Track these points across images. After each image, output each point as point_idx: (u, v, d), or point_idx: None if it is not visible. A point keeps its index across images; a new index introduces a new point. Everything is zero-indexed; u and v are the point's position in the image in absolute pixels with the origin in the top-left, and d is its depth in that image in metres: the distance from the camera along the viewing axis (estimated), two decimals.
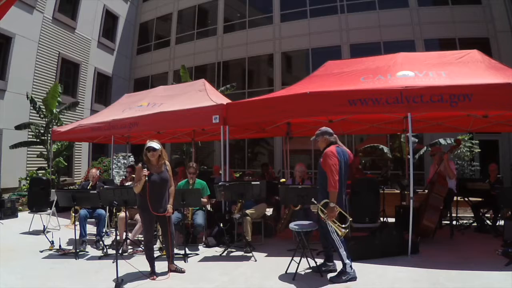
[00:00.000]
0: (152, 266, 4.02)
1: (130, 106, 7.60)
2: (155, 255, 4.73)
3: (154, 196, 3.88)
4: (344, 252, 3.72)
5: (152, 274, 3.96)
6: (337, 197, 3.67)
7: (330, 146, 3.89)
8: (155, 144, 3.96)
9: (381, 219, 6.49)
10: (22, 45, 12.22)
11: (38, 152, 10.77)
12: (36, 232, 6.18)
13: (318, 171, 3.99)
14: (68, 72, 14.69)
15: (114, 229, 5.68)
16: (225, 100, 6.37)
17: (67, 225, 6.74)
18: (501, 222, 5.80)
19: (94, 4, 15.83)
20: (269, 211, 6.72)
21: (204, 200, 5.49)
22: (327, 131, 3.99)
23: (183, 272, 4.10)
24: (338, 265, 4.02)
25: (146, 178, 3.79)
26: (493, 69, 4.96)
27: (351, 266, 3.75)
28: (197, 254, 4.89)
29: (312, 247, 4.23)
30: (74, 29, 14.77)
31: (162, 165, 4.01)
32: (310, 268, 4.09)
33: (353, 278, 3.72)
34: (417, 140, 9.35)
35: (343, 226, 3.64)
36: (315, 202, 3.78)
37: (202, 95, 6.69)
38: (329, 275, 3.79)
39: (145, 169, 3.79)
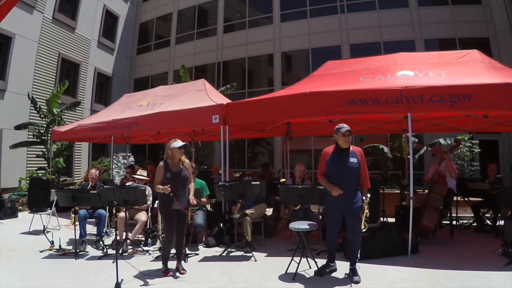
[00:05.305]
0: (165, 264, 4.11)
1: (130, 106, 7.60)
2: (155, 256, 4.76)
3: (176, 192, 4.01)
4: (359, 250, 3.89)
5: (165, 272, 4.04)
6: None
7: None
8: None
9: (381, 219, 6.50)
10: (22, 45, 12.21)
11: (38, 152, 10.77)
12: (36, 232, 6.18)
13: (349, 167, 3.75)
14: (68, 72, 14.67)
15: (114, 229, 5.68)
16: (225, 100, 6.36)
17: (67, 225, 6.74)
18: (501, 222, 5.80)
19: (94, 4, 15.82)
20: (269, 211, 6.72)
21: (204, 200, 5.50)
22: None
23: (182, 273, 4.07)
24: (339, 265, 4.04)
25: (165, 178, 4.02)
26: (493, 69, 4.95)
27: None
28: (197, 254, 4.89)
29: (312, 247, 4.24)
30: (74, 29, 14.77)
31: (183, 163, 4.16)
32: (310, 268, 4.09)
33: None
34: (417, 140, 9.35)
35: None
36: (366, 198, 3.78)
37: (202, 95, 6.69)
38: (354, 278, 3.72)
39: (167, 186, 3.95)
